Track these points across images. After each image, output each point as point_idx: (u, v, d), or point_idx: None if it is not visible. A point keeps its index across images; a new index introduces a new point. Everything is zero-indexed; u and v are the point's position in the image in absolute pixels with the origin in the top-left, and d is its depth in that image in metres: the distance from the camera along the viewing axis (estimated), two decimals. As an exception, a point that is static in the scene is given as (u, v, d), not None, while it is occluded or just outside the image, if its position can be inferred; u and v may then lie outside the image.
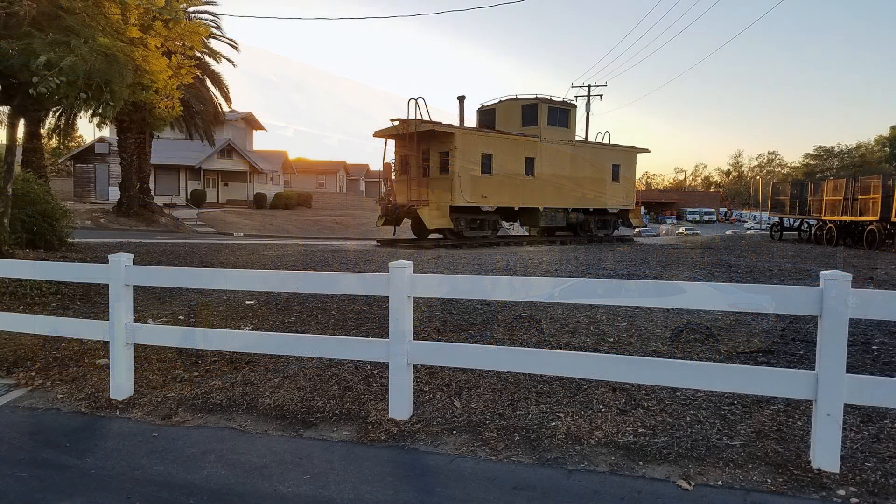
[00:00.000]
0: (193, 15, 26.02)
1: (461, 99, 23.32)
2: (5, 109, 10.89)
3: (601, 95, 67.50)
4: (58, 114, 13.33)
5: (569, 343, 6.05)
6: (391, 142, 22.56)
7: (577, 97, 43.95)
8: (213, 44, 28.65)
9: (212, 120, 31.18)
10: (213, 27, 27.33)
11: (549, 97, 23.88)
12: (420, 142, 21.18)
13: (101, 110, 9.58)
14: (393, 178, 22.96)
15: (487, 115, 24.95)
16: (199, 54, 24.50)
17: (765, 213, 46.09)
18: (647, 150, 27.67)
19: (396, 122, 21.14)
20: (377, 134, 22.33)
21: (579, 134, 26.46)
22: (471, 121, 24.75)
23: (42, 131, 19.60)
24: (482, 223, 22.63)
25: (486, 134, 22.38)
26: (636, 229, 32.85)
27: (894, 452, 3.60)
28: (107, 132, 35.09)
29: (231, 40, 31.39)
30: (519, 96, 24.05)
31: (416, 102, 20.49)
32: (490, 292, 4.14)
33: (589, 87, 41.30)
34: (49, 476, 3.47)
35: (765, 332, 6.53)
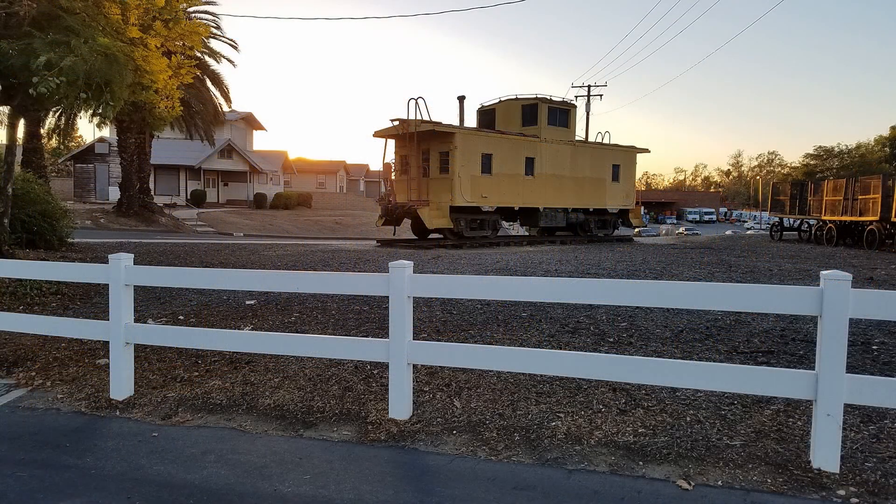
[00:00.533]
0: (193, 15, 26.01)
1: (461, 99, 23.33)
2: (5, 109, 10.90)
3: (601, 95, 67.43)
4: (58, 114, 13.33)
5: (569, 343, 6.05)
6: (391, 142, 22.56)
7: (577, 97, 43.98)
8: (213, 44, 28.68)
9: (212, 120, 31.20)
10: (213, 27, 27.34)
11: (549, 97, 23.88)
12: (420, 142, 21.18)
13: (101, 110, 9.58)
14: (393, 178, 22.96)
15: (487, 115, 24.95)
16: (199, 54, 24.49)
17: (765, 213, 46.11)
18: (647, 150, 27.68)
19: (396, 122, 21.14)
20: (377, 134, 22.33)
21: (579, 134, 26.46)
22: (471, 121, 24.77)
23: (42, 131, 19.60)
24: (482, 223, 22.63)
25: (486, 134, 22.38)
26: (636, 229, 32.85)
27: (894, 452, 3.60)
28: (107, 132, 35.09)
29: (231, 40, 31.49)
30: (519, 96, 24.05)
31: (416, 102, 20.50)
32: (490, 292, 4.14)
33: (589, 87, 41.29)
34: (49, 476, 3.47)
35: (765, 332, 6.53)
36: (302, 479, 3.41)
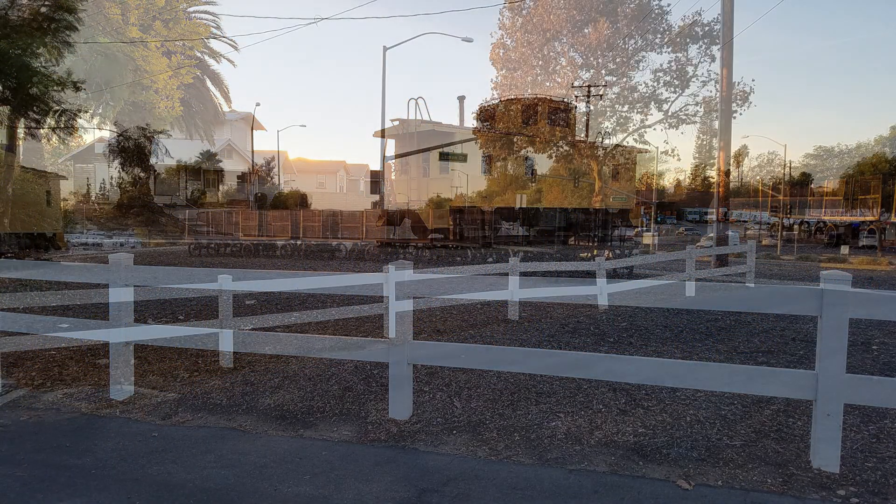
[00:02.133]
0: (193, 15, 26.02)
1: (461, 99, 23.39)
2: (5, 109, 10.90)
3: (601, 95, 67.41)
4: (58, 114, 13.35)
5: (569, 343, 6.05)
6: (391, 142, 22.58)
7: (577, 97, 43.97)
8: (213, 44, 28.73)
9: (212, 120, 31.24)
10: (213, 27, 27.36)
11: (548, 97, 23.89)
12: (420, 142, 21.18)
13: (101, 110, 9.58)
14: (393, 178, 22.98)
15: (487, 115, 24.97)
16: (199, 54, 24.50)
17: (765, 213, 46.07)
18: (647, 151, 27.73)
19: (396, 122, 21.16)
20: (377, 134, 22.35)
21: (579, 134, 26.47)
22: (471, 121, 24.78)
23: (42, 131, 19.61)
24: (482, 223, 22.65)
25: (485, 134, 22.40)
26: (636, 229, 32.87)
27: (894, 452, 3.60)
28: (107, 132, 35.10)
29: (231, 40, 31.62)
30: (519, 96, 24.06)
31: (416, 102, 20.56)
32: (489, 292, 4.14)
33: (589, 87, 41.29)
34: (49, 476, 3.47)
35: (765, 332, 6.53)
36: (302, 479, 3.41)
